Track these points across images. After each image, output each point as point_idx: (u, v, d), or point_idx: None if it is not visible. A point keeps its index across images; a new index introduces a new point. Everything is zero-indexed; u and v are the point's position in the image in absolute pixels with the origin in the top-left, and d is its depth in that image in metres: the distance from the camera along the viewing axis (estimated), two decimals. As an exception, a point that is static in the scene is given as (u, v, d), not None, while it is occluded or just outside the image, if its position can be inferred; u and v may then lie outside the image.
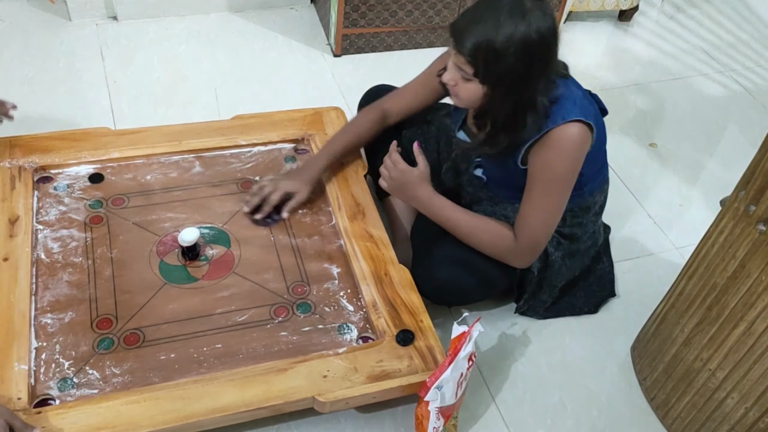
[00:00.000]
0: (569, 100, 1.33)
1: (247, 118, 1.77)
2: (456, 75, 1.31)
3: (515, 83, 1.27)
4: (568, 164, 1.34)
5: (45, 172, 1.59)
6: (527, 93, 1.29)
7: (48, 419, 1.17)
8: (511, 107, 1.30)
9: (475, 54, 1.24)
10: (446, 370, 1.21)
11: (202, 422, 1.21)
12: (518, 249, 1.40)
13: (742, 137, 2.22)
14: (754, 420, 1.25)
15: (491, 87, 1.28)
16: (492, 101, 1.31)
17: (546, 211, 1.38)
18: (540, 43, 1.24)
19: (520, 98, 1.29)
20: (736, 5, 2.86)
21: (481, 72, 1.26)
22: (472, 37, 1.23)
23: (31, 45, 2.18)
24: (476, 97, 1.31)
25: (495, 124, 1.34)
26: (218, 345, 1.34)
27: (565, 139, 1.31)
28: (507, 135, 1.34)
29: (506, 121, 1.32)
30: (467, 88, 1.31)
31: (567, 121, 1.31)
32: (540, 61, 1.26)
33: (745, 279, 1.18)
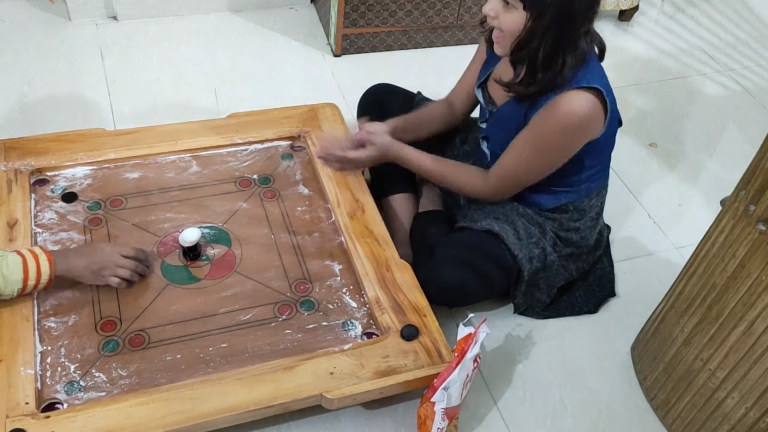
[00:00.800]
0: (597, 71, 1.32)
1: (242, 116, 1.77)
2: (497, 5, 1.29)
3: (560, 15, 1.25)
4: (567, 134, 1.33)
5: (41, 174, 1.58)
6: (569, 30, 1.27)
7: (57, 423, 1.17)
8: (552, 41, 1.28)
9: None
10: (453, 371, 1.21)
11: (212, 422, 1.21)
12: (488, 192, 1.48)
13: (742, 137, 2.22)
14: (754, 420, 1.25)
15: (535, 15, 1.26)
16: (534, 32, 1.28)
17: (524, 167, 1.41)
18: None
19: (562, 33, 1.27)
20: (736, 5, 2.85)
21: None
22: None
23: (31, 45, 2.18)
24: (518, 28, 1.29)
25: (533, 60, 1.32)
26: (224, 344, 1.34)
27: (576, 107, 1.30)
28: (545, 74, 1.32)
29: (546, 57, 1.30)
30: (509, 18, 1.29)
31: (587, 87, 1.30)
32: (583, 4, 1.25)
33: (745, 279, 1.18)
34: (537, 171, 1.42)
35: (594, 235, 1.58)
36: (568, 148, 1.37)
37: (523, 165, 1.41)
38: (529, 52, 1.31)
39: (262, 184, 1.64)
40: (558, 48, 1.29)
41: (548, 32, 1.27)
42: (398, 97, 1.75)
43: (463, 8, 2.28)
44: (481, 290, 1.50)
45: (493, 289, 1.52)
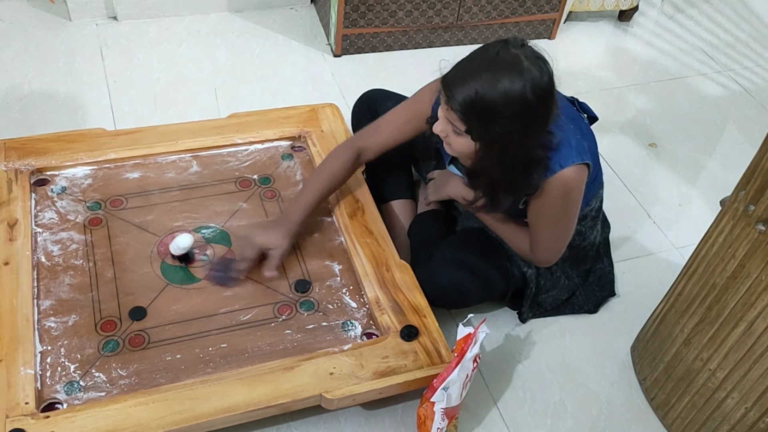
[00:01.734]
0: (565, 143, 1.28)
1: (243, 116, 1.77)
2: (447, 127, 1.25)
3: (511, 143, 1.21)
4: (571, 202, 1.35)
5: (42, 174, 1.58)
6: (524, 152, 1.24)
7: (57, 423, 1.17)
8: (507, 168, 1.26)
9: (468, 110, 1.18)
10: (453, 371, 1.21)
11: (212, 422, 1.21)
12: (535, 262, 1.47)
13: (742, 137, 2.22)
14: (754, 420, 1.25)
15: (485, 145, 1.22)
16: (486, 160, 1.25)
17: (556, 237, 1.41)
18: (538, 101, 1.17)
19: (516, 158, 1.24)
20: (736, 5, 2.86)
21: (474, 129, 1.20)
22: (465, 92, 1.16)
23: (31, 45, 2.18)
24: (469, 151, 1.25)
25: (492, 185, 1.31)
26: (223, 345, 1.34)
27: (564, 185, 1.30)
28: (507, 195, 1.32)
29: (504, 182, 1.29)
30: (459, 141, 1.25)
31: (564, 168, 1.28)
32: (538, 119, 1.21)
33: (745, 279, 1.18)
34: (569, 231, 1.41)
35: (594, 233, 1.58)
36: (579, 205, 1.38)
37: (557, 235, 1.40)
38: (485, 178, 1.30)
39: (263, 184, 1.65)
40: (515, 171, 1.26)
41: (502, 160, 1.24)
42: (392, 102, 1.73)
43: (463, 8, 2.28)
44: (479, 291, 1.49)
45: (492, 290, 1.52)
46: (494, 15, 2.33)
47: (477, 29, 2.36)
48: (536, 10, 2.38)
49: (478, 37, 2.38)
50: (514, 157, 1.24)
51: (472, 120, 1.19)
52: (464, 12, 2.29)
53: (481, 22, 2.34)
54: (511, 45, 1.19)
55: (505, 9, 2.33)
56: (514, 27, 2.40)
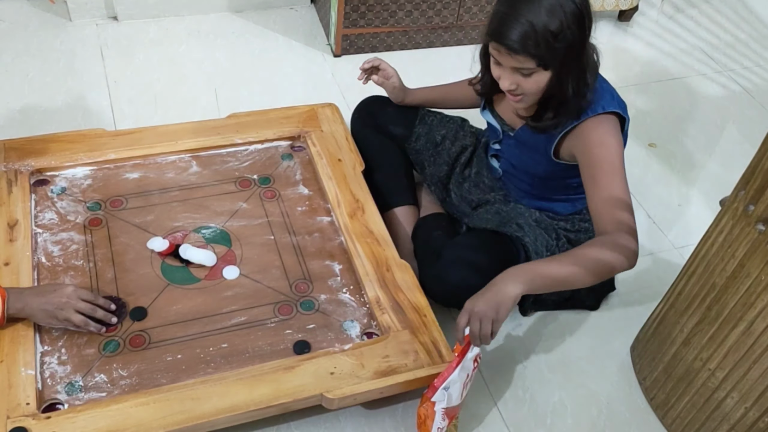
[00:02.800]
0: (607, 92, 1.33)
1: (242, 116, 1.77)
2: (514, 77, 1.28)
3: (577, 52, 1.26)
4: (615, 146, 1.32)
5: (41, 174, 1.59)
6: (584, 57, 1.29)
7: (58, 424, 1.17)
8: (576, 76, 1.29)
9: (532, 44, 1.21)
10: (454, 371, 1.21)
11: (213, 422, 1.21)
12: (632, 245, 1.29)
13: (742, 137, 2.22)
14: (753, 420, 1.25)
15: (557, 67, 1.26)
16: (559, 80, 1.28)
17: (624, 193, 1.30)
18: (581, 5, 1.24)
19: (579, 65, 1.28)
20: (735, 5, 2.86)
21: (546, 58, 1.23)
22: (522, 31, 1.20)
23: (31, 45, 2.18)
24: (543, 85, 1.29)
25: (563, 99, 1.32)
26: (224, 345, 1.34)
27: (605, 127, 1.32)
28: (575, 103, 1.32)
29: (574, 91, 1.30)
30: (531, 81, 1.28)
31: (605, 112, 1.31)
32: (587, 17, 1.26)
33: (745, 279, 1.18)
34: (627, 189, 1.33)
35: None
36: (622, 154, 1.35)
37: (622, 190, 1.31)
38: (558, 98, 1.32)
39: (262, 184, 1.65)
40: (583, 76, 1.30)
41: (572, 70, 1.28)
42: (391, 108, 1.74)
43: (463, 8, 2.28)
44: None
45: None
46: (494, 15, 2.33)
47: (477, 29, 2.36)
48: (536, 10, 2.38)
49: (478, 37, 2.37)
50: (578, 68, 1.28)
51: (540, 50, 1.22)
52: (464, 12, 2.29)
53: (481, 22, 2.34)
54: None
55: (505, 9, 2.33)
56: (514, 27, 2.40)
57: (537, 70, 1.26)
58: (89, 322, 1.30)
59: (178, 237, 1.50)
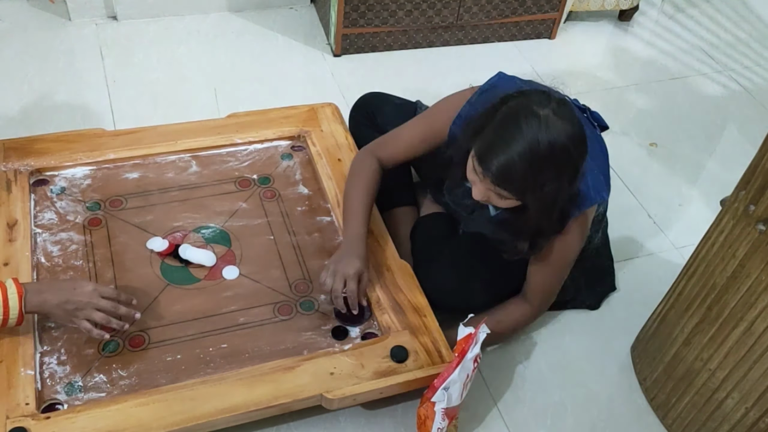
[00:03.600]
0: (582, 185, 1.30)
1: (242, 116, 1.77)
2: (488, 194, 1.25)
3: (556, 193, 1.22)
4: (577, 247, 1.38)
5: (41, 174, 1.58)
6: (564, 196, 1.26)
7: (57, 424, 1.17)
8: (552, 214, 1.27)
9: (511, 181, 1.18)
10: (454, 371, 1.21)
11: (213, 422, 1.21)
12: (536, 313, 1.49)
13: (742, 137, 2.22)
14: (754, 420, 1.25)
15: (532, 202, 1.23)
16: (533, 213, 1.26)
17: (556, 283, 1.44)
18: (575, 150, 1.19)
19: (558, 204, 1.26)
20: (736, 5, 2.85)
21: (519, 194, 1.21)
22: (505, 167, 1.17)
23: (31, 45, 2.18)
24: (512, 207, 1.28)
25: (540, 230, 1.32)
26: (224, 345, 1.34)
27: (576, 229, 1.34)
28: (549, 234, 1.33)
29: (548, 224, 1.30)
30: (504, 203, 1.26)
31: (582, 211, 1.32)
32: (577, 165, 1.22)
33: (745, 279, 1.18)
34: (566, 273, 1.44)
35: (596, 239, 1.59)
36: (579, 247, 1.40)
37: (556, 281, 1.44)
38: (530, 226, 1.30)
39: (262, 184, 1.64)
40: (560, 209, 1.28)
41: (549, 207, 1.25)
42: (389, 105, 1.73)
43: (463, 8, 2.28)
44: (485, 295, 1.48)
45: (498, 294, 1.50)
46: (494, 15, 2.33)
47: (477, 29, 2.36)
48: (536, 10, 2.38)
49: (478, 36, 2.38)
50: (556, 204, 1.25)
51: (519, 190, 1.20)
52: (464, 12, 2.29)
53: (482, 21, 2.33)
54: (535, 104, 1.18)
55: (505, 9, 2.33)
56: (514, 27, 2.40)
57: (510, 198, 1.23)
58: (111, 320, 1.25)
59: (178, 237, 1.50)
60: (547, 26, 2.45)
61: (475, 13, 2.31)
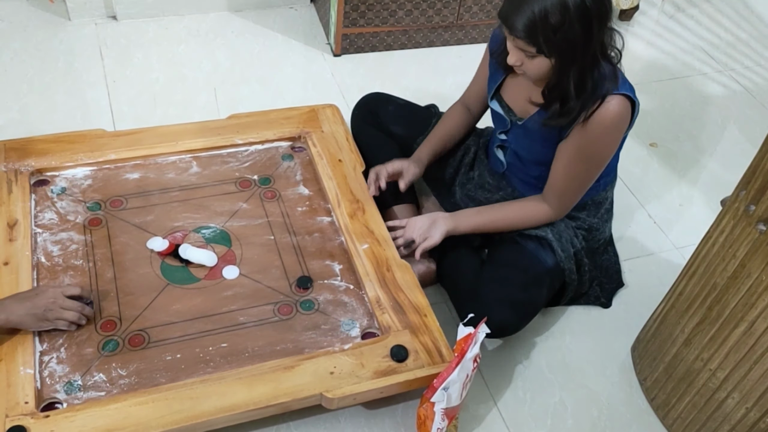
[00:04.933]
0: (622, 77, 1.33)
1: (243, 117, 1.77)
2: (519, 55, 1.29)
3: (580, 48, 1.25)
4: (611, 140, 1.36)
5: (41, 175, 1.58)
6: (592, 54, 1.28)
7: (56, 423, 1.17)
8: (579, 72, 1.29)
9: (532, 33, 1.22)
10: (453, 371, 1.21)
11: (212, 422, 1.21)
12: (554, 215, 1.48)
13: (742, 137, 2.22)
14: (754, 420, 1.25)
15: (559, 58, 1.26)
16: (561, 71, 1.29)
17: (581, 183, 1.42)
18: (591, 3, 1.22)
19: (586, 61, 1.28)
20: (736, 5, 2.85)
21: (544, 48, 1.24)
22: (524, 17, 1.21)
23: (31, 45, 2.18)
24: (545, 70, 1.30)
25: (566, 94, 1.32)
26: (224, 344, 1.34)
27: (613, 114, 1.32)
28: (578, 100, 1.32)
29: (577, 86, 1.30)
30: (534, 64, 1.29)
31: (616, 94, 1.31)
32: (598, 18, 1.24)
33: (746, 279, 1.18)
34: (590, 179, 1.43)
35: (606, 228, 1.59)
36: (612, 148, 1.39)
37: (578, 177, 1.42)
38: (560, 90, 1.32)
39: (263, 185, 1.64)
40: (586, 73, 1.29)
41: (575, 66, 1.28)
42: (392, 105, 1.74)
43: (463, 8, 2.28)
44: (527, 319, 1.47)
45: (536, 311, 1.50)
46: (494, 14, 2.33)
47: (477, 28, 2.36)
48: (536, 10, 2.37)
49: (479, 36, 2.38)
50: (584, 60, 1.28)
51: (540, 40, 1.23)
52: (464, 11, 2.29)
53: (482, 21, 2.33)
54: None
55: (505, 8, 2.33)
56: (514, 27, 2.40)
57: (538, 56, 1.27)
58: (81, 316, 1.30)
59: (178, 237, 1.50)
60: (547, 26, 2.45)
61: (475, 13, 2.31)
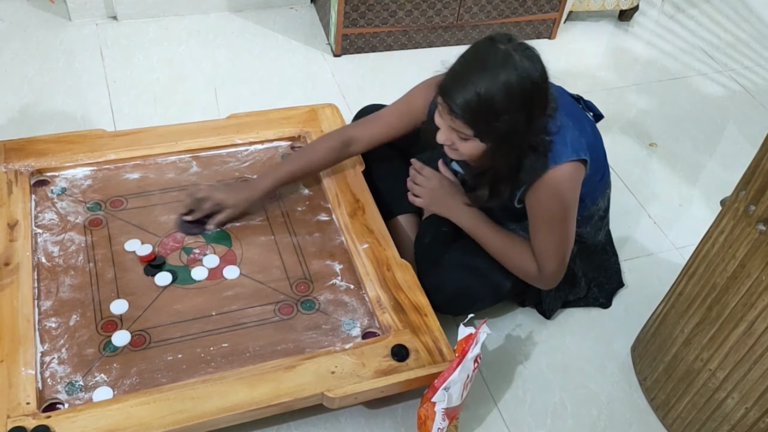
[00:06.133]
0: (559, 140, 1.30)
1: (242, 116, 1.77)
2: (451, 135, 1.26)
3: (517, 134, 1.23)
4: (566, 203, 1.34)
5: (41, 175, 1.58)
6: (528, 139, 1.26)
7: (58, 423, 1.17)
8: (514, 157, 1.27)
9: (472, 114, 1.19)
10: (454, 371, 1.21)
11: (214, 421, 1.21)
12: (542, 279, 1.42)
13: (742, 137, 2.22)
14: (754, 420, 1.25)
15: (493, 143, 1.24)
16: (494, 156, 1.27)
17: (557, 243, 1.37)
18: (535, 89, 1.20)
19: (521, 146, 1.26)
20: (736, 5, 2.86)
21: (481, 131, 1.22)
22: (466, 97, 1.18)
23: (31, 45, 2.18)
24: (477, 153, 1.27)
25: (498, 177, 1.32)
26: (225, 344, 1.34)
27: (558, 181, 1.30)
28: (510, 183, 1.32)
29: (510, 170, 1.30)
30: (467, 146, 1.26)
31: (559, 164, 1.29)
32: (539, 105, 1.23)
33: (745, 279, 1.18)
34: (568, 236, 1.39)
35: (600, 235, 1.59)
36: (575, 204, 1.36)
37: (555, 242, 1.38)
38: (493, 172, 1.31)
39: (263, 185, 1.64)
40: (522, 156, 1.28)
41: (509, 151, 1.26)
42: None
43: (463, 8, 2.28)
44: (489, 297, 1.49)
45: (502, 294, 1.51)
46: (494, 15, 2.33)
47: (477, 29, 2.36)
48: (536, 10, 2.38)
49: (478, 36, 2.38)
50: (520, 148, 1.26)
51: (479, 122, 1.21)
52: (464, 12, 2.29)
53: (482, 21, 2.34)
54: (498, 41, 1.22)
55: (505, 9, 2.33)
56: (514, 27, 2.40)
57: (473, 139, 1.24)
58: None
59: (179, 238, 1.50)
60: (547, 26, 2.45)
61: (476, 13, 2.31)
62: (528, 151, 1.28)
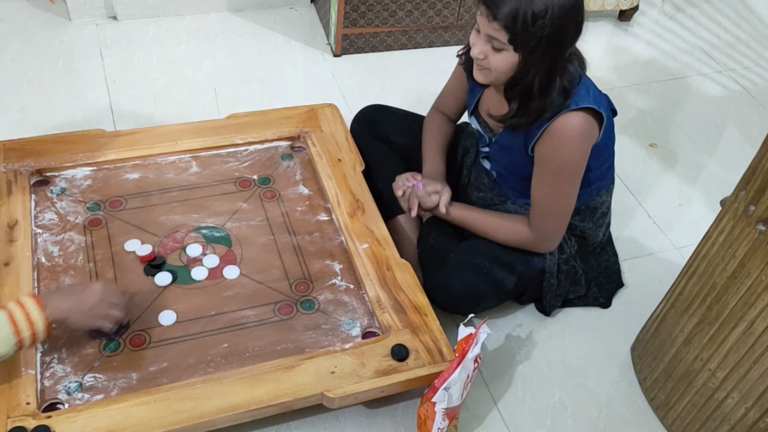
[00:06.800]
0: (583, 87, 1.33)
1: (242, 116, 1.77)
2: (485, 47, 1.29)
3: (551, 48, 1.25)
4: (574, 156, 1.34)
5: (41, 175, 1.58)
6: (560, 56, 1.28)
7: (58, 423, 1.17)
8: (544, 72, 1.29)
9: (513, 19, 1.21)
10: (454, 371, 1.21)
11: (213, 422, 1.21)
12: (536, 241, 1.44)
13: (742, 137, 2.22)
14: (754, 420, 1.25)
15: (526, 53, 1.26)
16: (525, 68, 1.28)
17: (557, 202, 1.39)
18: (573, 8, 1.23)
19: (553, 62, 1.28)
20: (736, 5, 2.86)
21: (518, 38, 1.23)
22: (509, 3, 1.21)
23: (31, 45, 2.18)
24: (508, 66, 1.29)
25: (528, 92, 1.32)
26: (224, 344, 1.34)
27: (572, 127, 1.31)
28: (537, 102, 1.32)
29: (540, 87, 1.30)
30: (498, 58, 1.28)
31: (576, 109, 1.30)
32: (573, 25, 1.25)
33: (745, 279, 1.18)
34: (570, 197, 1.40)
35: (600, 233, 1.59)
36: (579, 163, 1.37)
37: (551, 195, 1.39)
38: (522, 87, 1.32)
39: (262, 185, 1.65)
40: (551, 76, 1.30)
41: (541, 64, 1.28)
42: (391, 116, 1.74)
43: (463, 8, 2.28)
44: (494, 296, 1.48)
45: (506, 293, 1.51)
46: (494, 15, 2.33)
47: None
48: (536, 10, 2.38)
49: (478, 36, 2.38)
50: (551, 62, 1.28)
51: (517, 28, 1.22)
52: (464, 12, 2.29)
53: (481, 21, 2.33)
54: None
55: (505, 9, 2.33)
56: (514, 27, 2.40)
57: (507, 48, 1.26)
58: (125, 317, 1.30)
59: (178, 237, 1.50)
60: (547, 26, 2.45)
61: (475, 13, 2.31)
62: (556, 74, 1.30)
